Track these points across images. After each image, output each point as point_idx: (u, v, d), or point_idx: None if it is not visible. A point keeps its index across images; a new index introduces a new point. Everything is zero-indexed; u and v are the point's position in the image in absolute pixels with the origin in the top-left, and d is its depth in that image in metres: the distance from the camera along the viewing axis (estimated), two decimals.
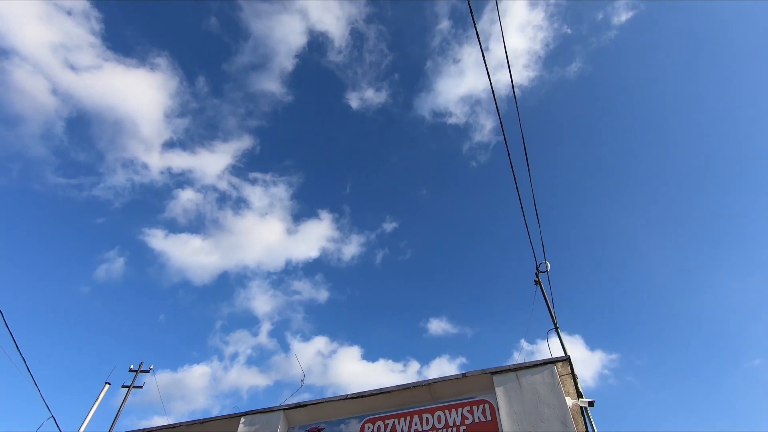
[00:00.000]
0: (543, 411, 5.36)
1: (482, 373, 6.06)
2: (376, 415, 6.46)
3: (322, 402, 6.79)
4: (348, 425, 6.53)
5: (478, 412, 5.92)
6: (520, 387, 5.72)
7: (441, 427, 5.95)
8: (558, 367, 5.81)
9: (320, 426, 6.70)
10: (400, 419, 6.27)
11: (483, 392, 6.06)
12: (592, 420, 5.96)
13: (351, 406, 6.62)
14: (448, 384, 6.20)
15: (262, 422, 6.90)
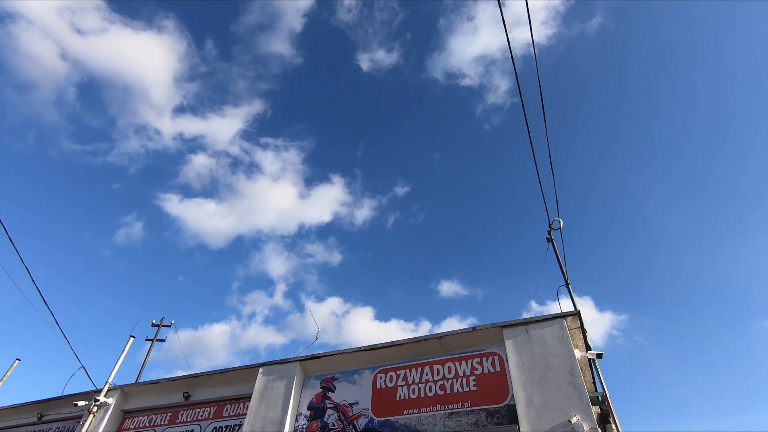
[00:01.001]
0: (551, 362, 5.48)
1: (492, 327, 6.18)
2: (388, 366, 6.69)
3: (336, 354, 7.04)
4: (361, 375, 6.79)
5: (487, 363, 6.08)
6: (530, 340, 5.82)
7: (451, 377, 6.15)
8: (568, 321, 5.88)
9: (334, 376, 6.99)
10: (412, 370, 6.48)
11: (493, 345, 6.20)
12: (600, 372, 6.09)
13: (364, 357, 6.85)
14: (458, 337, 6.35)
15: (279, 372, 7.21)
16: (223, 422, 7.51)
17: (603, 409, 6.04)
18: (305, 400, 6.89)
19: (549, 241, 7.67)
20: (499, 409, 5.56)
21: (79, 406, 8.60)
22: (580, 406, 4.99)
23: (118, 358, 9.21)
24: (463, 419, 5.66)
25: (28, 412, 9.76)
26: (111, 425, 8.29)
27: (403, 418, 5.99)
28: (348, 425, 6.28)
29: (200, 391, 8.07)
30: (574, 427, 4.78)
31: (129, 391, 8.76)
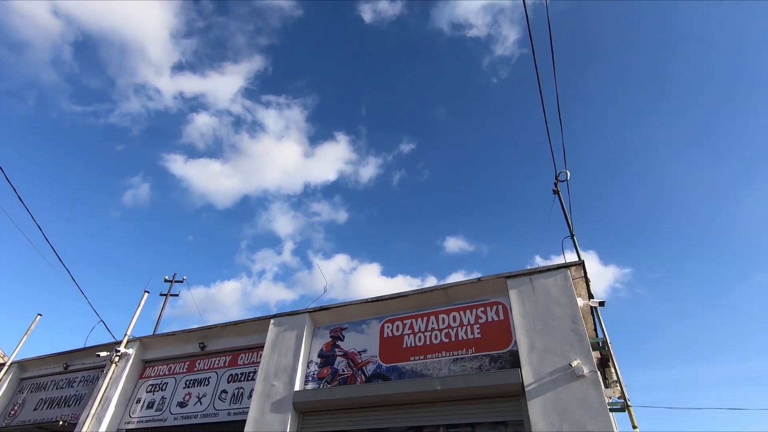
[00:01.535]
0: (554, 310, 5.61)
1: (497, 278, 6.28)
2: (394, 316, 6.90)
3: (344, 305, 7.25)
4: (369, 325, 7.02)
5: (491, 312, 6.25)
6: (534, 289, 5.93)
7: (456, 326, 6.34)
8: (571, 271, 5.96)
9: (343, 326, 7.23)
10: (418, 319, 6.68)
11: (497, 295, 6.34)
12: (601, 319, 6.24)
13: (371, 308, 7.05)
14: (463, 288, 6.48)
15: (290, 323, 7.48)
16: (239, 369, 7.89)
17: (603, 354, 6.25)
18: (316, 349, 7.18)
19: (555, 193, 7.63)
20: (502, 354, 5.76)
21: (102, 357, 9.05)
22: (581, 350, 5.16)
23: (135, 312, 9.57)
24: (468, 364, 5.89)
25: (54, 363, 10.31)
26: (133, 373, 8.75)
27: (409, 364, 6.25)
28: (357, 371, 6.57)
29: (215, 341, 8.42)
30: (575, 370, 4.96)
31: (147, 342, 9.17)
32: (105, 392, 8.36)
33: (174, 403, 8.01)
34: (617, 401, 5.59)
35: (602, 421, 4.62)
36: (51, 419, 9.05)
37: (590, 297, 6.14)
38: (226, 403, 7.52)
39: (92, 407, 8.13)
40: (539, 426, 4.84)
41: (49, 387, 10.06)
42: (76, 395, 9.39)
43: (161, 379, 8.59)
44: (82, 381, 9.60)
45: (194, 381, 8.18)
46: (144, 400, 8.41)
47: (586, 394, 4.83)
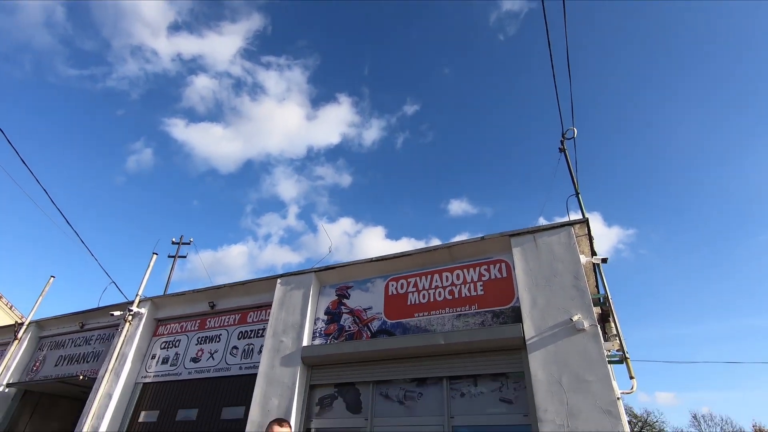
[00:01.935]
0: (557, 267, 5.67)
1: (500, 236, 6.31)
2: (399, 275, 7.00)
3: (349, 264, 7.35)
4: (374, 283, 7.15)
5: (494, 269, 6.32)
6: (537, 247, 5.97)
7: (459, 283, 6.44)
8: (575, 229, 5.96)
9: (348, 285, 7.37)
10: (422, 277, 6.79)
11: (500, 253, 6.39)
12: (604, 276, 6.31)
13: (376, 267, 7.15)
14: (467, 246, 6.53)
15: (296, 282, 7.63)
16: (248, 327, 8.14)
17: (604, 310, 6.37)
18: (322, 307, 7.36)
19: (561, 151, 7.51)
20: (505, 310, 5.88)
21: (115, 316, 9.34)
22: (582, 306, 5.25)
23: (145, 273, 9.78)
24: (470, 320, 6.03)
25: (70, 322, 10.67)
26: (146, 331, 9.06)
27: (413, 320, 6.40)
28: (363, 327, 6.76)
29: (224, 300, 8.64)
30: (575, 324, 5.08)
31: (158, 302, 9.42)
32: (121, 349, 8.70)
33: (187, 359, 8.34)
34: (616, 354, 5.75)
35: (600, 371, 4.77)
36: (71, 374, 9.48)
37: (593, 254, 6.18)
38: (237, 358, 7.82)
39: (110, 363, 8.49)
40: (539, 377, 5.01)
41: (67, 345, 10.46)
42: (94, 352, 9.78)
43: (174, 336, 8.90)
44: (99, 339, 9.97)
45: (206, 338, 8.47)
46: (158, 356, 8.75)
47: (585, 347, 4.96)
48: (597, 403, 4.61)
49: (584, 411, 4.61)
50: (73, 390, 9.95)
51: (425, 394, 5.88)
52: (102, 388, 8.20)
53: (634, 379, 5.47)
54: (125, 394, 8.29)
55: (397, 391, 6.05)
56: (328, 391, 6.55)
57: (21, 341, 10.95)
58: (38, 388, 10.37)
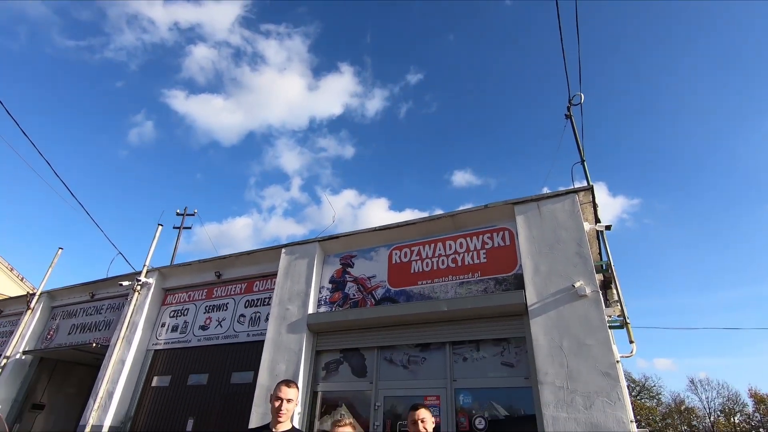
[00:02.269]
0: (560, 234, 5.67)
1: (504, 204, 6.29)
2: (402, 243, 7.04)
3: (353, 234, 7.39)
4: (377, 252, 7.20)
5: (498, 237, 6.34)
6: (541, 214, 5.96)
7: (462, 251, 6.48)
8: (580, 196, 5.93)
9: (352, 254, 7.43)
10: (425, 246, 6.82)
11: (504, 221, 6.39)
12: (607, 243, 6.31)
13: (379, 236, 7.19)
14: (470, 214, 6.52)
15: (301, 251, 7.69)
16: (254, 296, 8.28)
17: (606, 276, 6.41)
18: (327, 275, 7.45)
19: (567, 118, 7.37)
20: (507, 277, 5.94)
21: (124, 286, 9.52)
22: (585, 272, 5.28)
23: (151, 244, 9.89)
24: (473, 287, 6.10)
25: (81, 292, 10.89)
26: (155, 300, 9.24)
27: (417, 288, 6.49)
28: (367, 295, 6.86)
29: (230, 270, 8.76)
30: (577, 291, 5.13)
31: (166, 272, 9.57)
32: (131, 318, 8.91)
33: (196, 327, 8.54)
34: (616, 319, 5.82)
35: (601, 336, 4.85)
36: (85, 342, 9.76)
37: (597, 222, 6.16)
38: (244, 325, 8.00)
39: (121, 331, 8.71)
40: (540, 341, 5.11)
41: (79, 314, 10.72)
42: (105, 321, 10.03)
43: (182, 305, 9.08)
44: (109, 308, 10.19)
45: (213, 307, 8.64)
46: (168, 324, 8.97)
47: (587, 312, 5.03)
48: (596, 365, 4.71)
49: (584, 373, 4.72)
50: (87, 357, 10.27)
51: (428, 358, 6.02)
52: (115, 354, 8.45)
53: (633, 343, 5.57)
54: (137, 361, 8.56)
55: (401, 356, 6.20)
56: (333, 357, 6.72)
57: (34, 311, 11.23)
58: (53, 356, 10.71)
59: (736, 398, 39.09)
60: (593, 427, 4.45)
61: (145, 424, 7.94)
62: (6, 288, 17.88)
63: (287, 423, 2.99)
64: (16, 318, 11.78)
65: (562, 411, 4.66)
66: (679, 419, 39.91)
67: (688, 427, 39.57)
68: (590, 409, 4.55)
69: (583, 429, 4.48)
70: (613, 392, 4.53)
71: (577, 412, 4.59)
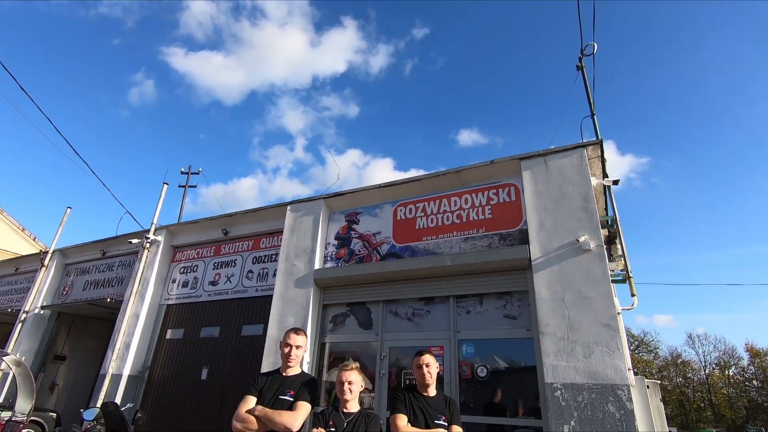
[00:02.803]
0: (567, 189, 5.62)
1: (510, 159, 6.20)
2: (407, 200, 7.03)
3: (357, 190, 7.37)
4: (382, 209, 7.22)
5: (503, 193, 6.30)
6: (547, 170, 5.88)
7: (467, 207, 6.47)
8: (588, 151, 5.82)
9: (357, 211, 7.45)
10: (430, 202, 6.82)
11: (510, 177, 6.32)
12: (614, 198, 6.27)
13: (384, 193, 7.17)
14: (476, 170, 6.46)
15: (306, 209, 7.72)
16: (261, 252, 8.41)
17: (611, 232, 6.41)
18: (332, 232, 7.52)
19: (579, 69, 7.10)
20: (512, 232, 5.96)
21: (134, 243, 9.69)
22: (590, 227, 5.28)
23: (158, 203, 9.96)
24: (478, 242, 6.14)
25: (92, 250, 11.12)
26: (164, 257, 9.43)
27: (422, 243, 6.54)
28: (372, 251, 6.94)
29: (237, 227, 8.86)
30: (581, 245, 5.14)
31: (173, 230, 9.70)
32: (142, 274, 9.13)
33: (206, 282, 8.76)
34: (619, 273, 5.88)
35: (603, 289, 4.92)
36: (99, 297, 10.07)
37: (604, 176, 6.09)
38: (253, 281, 8.18)
39: (133, 287, 8.96)
40: (542, 294, 5.19)
41: (92, 271, 11.00)
42: (117, 277, 10.30)
43: (191, 262, 9.27)
44: (120, 265, 10.44)
45: (222, 263, 8.81)
46: (178, 280, 9.19)
47: (590, 266, 5.07)
48: (597, 317, 4.81)
49: (585, 324, 4.83)
50: (102, 312, 10.64)
51: (433, 311, 6.17)
52: (129, 309, 8.74)
53: (635, 296, 5.65)
54: (151, 315, 8.86)
55: (406, 309, 6.36)
56: (340, 310, 6.91)
57: (48, 268, 11.53)
58: (70, 310, 11.11)
59: (732, 352, 40.26)
60: (591, 375, 4.61)
61: (162, 372, 8.33)
62: (19, 247, 18.29)
63: (296, 368, 3.12)
64: (32, 275, 12.12)
65: (561, 360, 4.81)
66: (674, 371, 41.31)
67: (683, 379, 41.01)
68: (589, 358, 4.69)
69: (582, 376, 4.64)
70: (612, 342, 4.65)
71: (576, 360, 4.74)
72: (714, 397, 38.61)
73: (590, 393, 4.55)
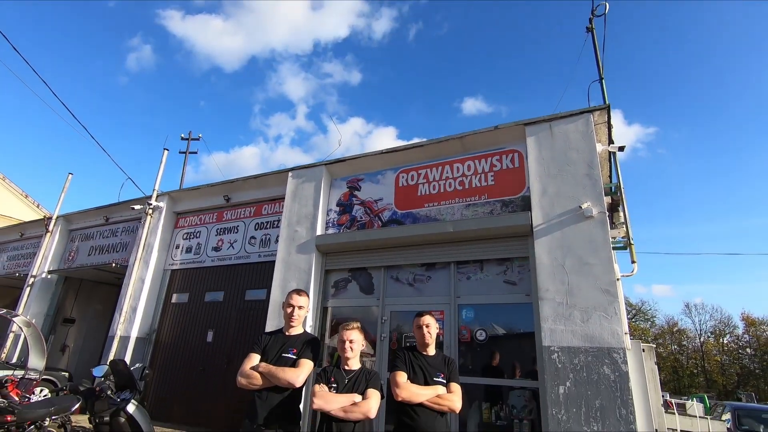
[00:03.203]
0: (571, 156, 5.55)
1: (515, 125, 6.09)
2: (409, 166, 6.97)
3: (359, 156, 7.30)
4: (384, 176, 7.17)
5: (506, 160, 6.23)
6: (552, 135, 5.78)
7: (470, 174, 6.42)
8: (594, 116, 5.70)
9: (359, 177, 7.40)
10: (432, 169, 6.76)
11: (514, 143, 6.23)
12: (618, 166, 6.19)
13: (386, 159, 7.10)
14: (479, 136, 6.36)
15: (307, 175, 7.68)
16: (263, 219, 8.44)
17: (614, 199, 6.37)
18: (334, 198, 7.50)
19: (589, 31, 6.86)
20: (514, 199, 5.93)
21: (137, 209, 9.72)
22: (593, 194, 5.24)
23: (159, 169, 9.92)
24: (480, 209, 6.13)
25: (95, 216, 11.18)
26: (167, 223, 9.48)
27: (423, 210, 6.54)
28: (374, 217, 6.95)
29: (238, 194, 8.85)
30: (584, 212, 5.12)
31: (176, 196, 9.70)
32: (146, 240, 9.21)
33: (209, 248, 8.84)
34: (621, 240, 5.89)
35: (603, 255, 4.93)
36: (104, 263, 10.21)
37: (610, 142, 5.99)
38: (255, 247, 8.25)
39: (138, 252, 9.06)
40: (543, 260, 5.22)
41: (96, 236, 11.10)
42: (121, 243, 10.40)
43: (194, 228, 9.32)
44: (124, 231, 10.52)
45: (224, 229, 8.86)
46: (182, 245, 9.28)
47: (591, 233, 5.07)
48: (597, 283, 4.85)
49: (584, 290, 4.88)
50: (108, 276, 10.81)
51: (433, 277, 6.24)
52: (134, 274, 8.87)
53: (635, 263, 5.68)
54: (156, 279, 8.99)
55: (407, 275, 6.43)
56: (342, 275, 6.99)
57: (53, 234, 11.63)
58: (77, 275, 11.29)
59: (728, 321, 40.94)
60: (588, 339, 4.70)
61: (169, 335, 8.55)
62: (23, 214, 18.40)
63: (299, 328, 3.18)
64: (37, 241, 12.26)
65: (559, 324, 4.89)
66: (670, 339, 42.19)
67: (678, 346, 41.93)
68: (587, 322, 4.76)
69: (579, 340, 4.73)
70: (610, 307, 4.71)
71: (574, 324, 4.82)
72: (707, 364, 39.60)
73: (586, 356, 4.66)
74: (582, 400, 4.53)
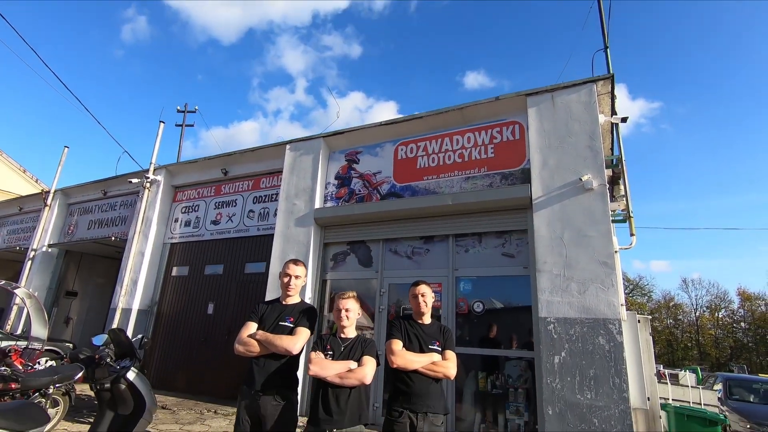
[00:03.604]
0: (573, 127, 5.45)
1: (516, 95, 5.97)
2: (408, 139, 6.87)
3: (358, 129, 7.19)
4: (383, 148, 7.08)
5: (507, 132, 6.13)
6: (554, 106, 5.67)
7: (470, 147, 6.33)
8: (598, 86, 5.57)
9: (358, 150, 7.31)
10: (431, 141, 6.66)
11: (515, 114, 6.12)
12: (621, 138, 6.10)
13: (385, 131, 6.99)
14: (480, 107, 6.24)
15: (305, 148, 7.59)
16: (262, 192, 8.39)
17: (615, 172, 6.31)
18: (332, 171, 7.43)
19: None
20: (514, 172, 5.87)
21: (134, 183, 9.66)
22: (594, 166, 5.17)
23: (155, 142, 9.80)
24: (479, 182, 6.07)
25: (93, 189, 11.12)
26: (165, 197, 9.44)
27: (422, 183, 6.48)
28: (372, 190, 6.90)
29: (236, 167, 8.77)
30: (584, 184, 5.07)
31: (173, 169, 9.62)
32: (144, 213, 9.18)
33: (208, 222, 8.83)
34: (621, 213, 5.85)
35: (602, 228, 4.91)
36: (104, 236, 10.22)
37: (613, 114, 5.88)
38: (254, 220, 8.24)
39: (137, 226, 9.05)
40: (542, 232, 5.20)
41: (95, 210, 11.08)
42: (120, 216, 10.39)
43: (192, 201, 9.29)
44: (122, 205, 10.49)
45: (223, 203, 8.83)
46: (181, 219, 9.27)
47: (591, 205, 5.04)
48: (595, 255, 4.85)
49: (582, 262, 4.88)
50: (108, 250, 10.84)
51: (432, 250, 6.24)
52: (134, 247, 8.89)
53: (634, 236, 5.67)
54: (156, 253, 9.02)
55: (406, 248, 6.43)
56: (340, 248, 7.00)
57: (51, 208, 11.61)
58: (77, 248, 11.32)
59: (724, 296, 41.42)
60: (585, 310, 4.73)
61: (170, 307, 8.65)
62: (22, 189, 18.32)
63: (296, 297, 3.18)
64: (36, 215, 12.24)
65: (556, 296, 4.91)
66: (666, 313, 42.79)
67: (673, 320, 42.57)
68: (584, 294, 4.79)
69: (575, 311, 4.76)
70: (607, 279, 4.72)
71: (570, 296, 4.84)
72: (702, 337, 40.30)
73: (582, 326, 4.70)
74: (576, 369, 4.60)
